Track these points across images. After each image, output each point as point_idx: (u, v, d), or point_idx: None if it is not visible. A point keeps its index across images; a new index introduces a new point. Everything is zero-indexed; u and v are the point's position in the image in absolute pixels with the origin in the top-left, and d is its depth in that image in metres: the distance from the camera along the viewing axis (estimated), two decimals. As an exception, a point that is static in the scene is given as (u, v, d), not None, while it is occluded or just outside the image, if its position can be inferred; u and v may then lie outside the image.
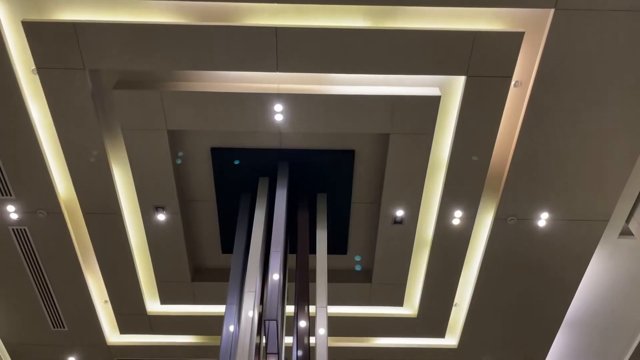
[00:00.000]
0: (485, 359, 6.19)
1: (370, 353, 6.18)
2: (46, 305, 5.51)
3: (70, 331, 5.77)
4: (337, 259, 5.44)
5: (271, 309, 3.77)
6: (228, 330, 4.00)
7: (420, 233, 5.13)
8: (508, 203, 4.70)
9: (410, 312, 5.84)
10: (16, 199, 4.61)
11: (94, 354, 6.05)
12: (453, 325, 5.96)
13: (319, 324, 4.06)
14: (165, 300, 5.65)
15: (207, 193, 4.92)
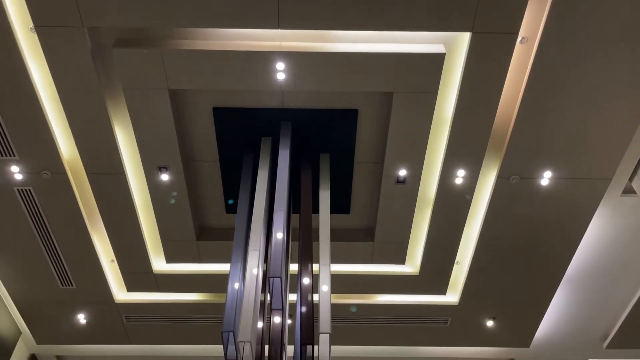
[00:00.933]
0: (485, 315, 6.32)
1: (373, 309, 6.31)
2: (54, 264, 5.61)
3: (79, 289, 5.89)
4: (340, 219, 5.49)
5: (275, 266, 3.83)
6: (233, 288, 4.06)
7: (422, 192, 5.15)
8: (511, 161, 4.69)
9: (412, 270, 5.93)
10: (20, 159, 4.63)
11: (102, 311, 6.19)
12: (454, 282, 6.06)
13: (322, 281, 4.12)
14: (170, 259, 5.74)
15: (210, 153, 4.93)
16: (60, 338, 6.55)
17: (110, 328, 6.40)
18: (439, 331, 6.56)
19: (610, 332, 6.52)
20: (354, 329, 6.53)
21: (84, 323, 6.31)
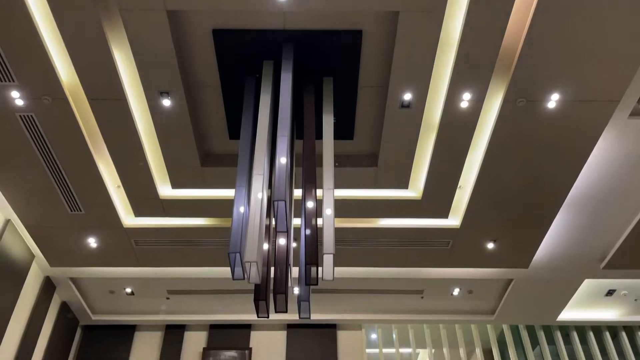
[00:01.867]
0: (486, 238, 6.45)
1: (375, 233, 6.44)
2: (61, 190, 5.69)
3: (87, 214, 6.01)
4: (344, 145, 5.48)
5: (279, 190, 3.87)
6: (238, 212, 4.13)
7: (427, 117, 5.10)
8: (518, 84, 4.60)
9: (415, 195, 5.99)
10: (19, 84, 4.57)
11: (112, 236, 6.35)
12: (456, 206, 6.14)
13: (326, 205, 4.18)
14: (176, 185, 5.80)
15: (211, 77, 4.85)
16: (72, 261, 6.77)
17: (120, 251, 6.60)
18: (440, 253, 6.73)
19: (608, 253, 6.67)
20: (357, 252, 6.71)
21: (94, 247, 6.49)
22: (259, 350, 8.12)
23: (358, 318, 8.19)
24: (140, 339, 8.20)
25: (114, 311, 7.99)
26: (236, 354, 8.05)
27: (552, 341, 8.51)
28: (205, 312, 8.10)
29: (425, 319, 8.22)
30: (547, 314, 8.04)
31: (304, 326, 8.29)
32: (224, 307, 7.97)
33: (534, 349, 8.45)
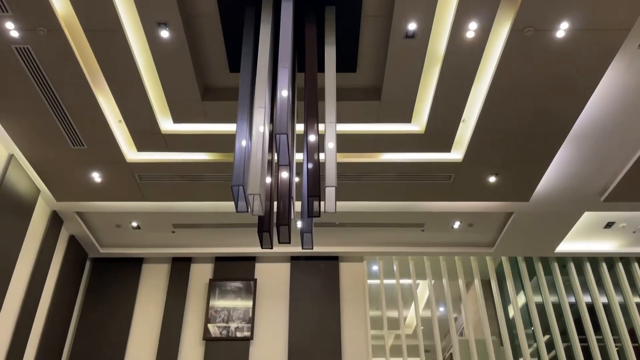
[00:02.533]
0: (488, 172, 6.47)
1: (377, 167, 6.46)
2: (62, 124, 5.67)
3: (90, 149, 6.03)
4: (346, 77, 5.39)
5: (281, 123, 3.85)
6: (240, 145, 4.12)
7: (432, 48, 4.98)
8: (527, 11, 4.45)
9: (418, 129, 5.96)
10: (13, 15, 4.45)
11: (115, 170, 6.39)
12: (459, 140, 6.12)
13: (328, 139, 4.16)
14: (177, 119, 5.77)
15: (210, 7, 4.70)
16: (78, 195, 6.86)
17: (124, 186, 6.66)
18: (441, 187, 6.78)
19: (609, 186, 6.70)
20: (359, 187, 6.76)
21: (99, 181, 6.55)
22: (263, 281, 8.37)
23: (360, 250, 8.37)
24: (148, 271, 8.45)
25: (121, 244, 8.18)
26: (241, 284, 8.31)
27: (549, 272, 8.73)
28: (211, 245, 8.29)
29: (425, 252, 8.40)
30: (546, 246, 8.20)
31: (307, 258, 8.50)
32: (229, 240, 8.15)
33: (531, 280, 8.69)
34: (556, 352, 8.07)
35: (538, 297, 8.67)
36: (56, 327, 7.36)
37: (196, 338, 7.89)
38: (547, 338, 8.35)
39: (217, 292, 8.24)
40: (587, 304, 8.44)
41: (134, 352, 7.77)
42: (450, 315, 8.39)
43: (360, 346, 7.88)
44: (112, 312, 8.03)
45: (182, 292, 8.23)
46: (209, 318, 8.00)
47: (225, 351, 7.76)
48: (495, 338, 8.45)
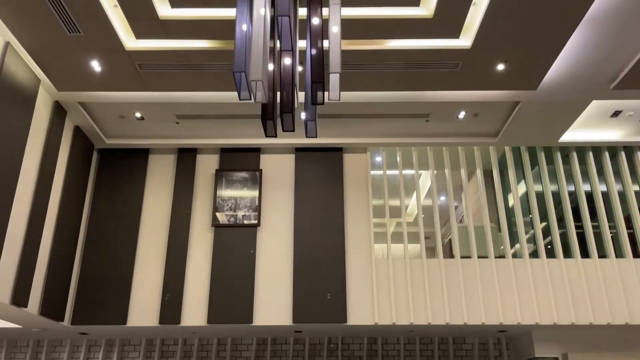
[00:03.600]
0: (496, 59, 6.29)
1: (383, 55, 6.28)
2: (56, 9, 5.44)
3: (86, 35, 5.84)
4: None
5: (282, 4, 3.68)
6: (241, 30, 3.96)
7: None
8: None
9: (426, 13, 5.70)
10: None
11: (115, 59, 6.25)
12: (469, 25, 5.88)
13: (332, 23, 3.99)
14: (175, 3, 5.53)
15: None
16: (79, 85, 6.77)
17: (125, 75, 6.55)
18: (448, 75, 6.63)
19: (620, 74, 6.53)
20: (363, 76, 6.62)
21: (99, 70, 6.43)
22: (268, 172, 8.52)
23: (363, 141, 8.41)
24: (154, 162, 8.58)
25: (126, 135, 8.24)
26: (247, 175, 8.46)
27: (552, 162, 8.81)
28: (216, 137, 8.33)
29: (429, 142, 8.43)
30: (550, 135, 8.19)
31: (311, 149, 8.57)
32: (234, 131, 8.17)
33: (533, 169, 8.79)
34: (552, 238, 8.38)
35: (538, 186, 8.84)
36: (69, 217, 7.62)
37: (205, 225, 8.20)
38: (544, 225, 8.63)
39: (223, 182, 8.42)
40: (586, 192, 8.61)
41: (146, 238, 8.12)
42: (450, 204, 8.60)
43: (362, 233, 8.19)
44: (122, 201, 8.27)
45: (189, 182, 8.42)
46: (216, 207, 8.25)
47: (233, 237, 8.09)
48: (494, 225, 8.74)
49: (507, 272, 7.99)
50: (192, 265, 7.96)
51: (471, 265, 8.06)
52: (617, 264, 8.02)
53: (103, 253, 7.97)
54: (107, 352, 8.98)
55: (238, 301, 7.72)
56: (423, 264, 8.03)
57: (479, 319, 7.73)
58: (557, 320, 7.70)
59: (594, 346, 8.26)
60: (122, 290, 7.77)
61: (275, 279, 7.89)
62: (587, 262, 8.07)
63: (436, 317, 7.74)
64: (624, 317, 7.69)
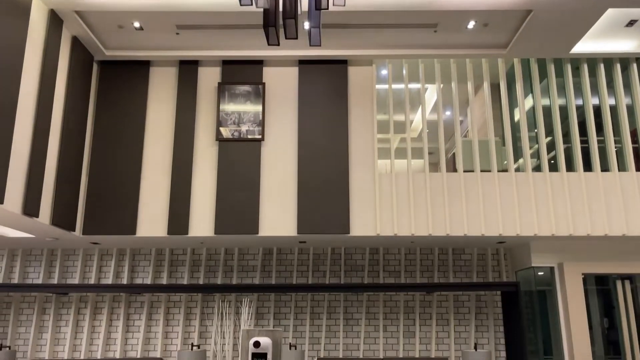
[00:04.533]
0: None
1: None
2: None
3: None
4: None
5: None
6: None
7: None
8: None
9: None
10: None
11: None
12: None
13: None
14: None
15: None
16: (73, -8, 6.54)
17: (121, -18, 6.30)
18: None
19: (640, -21, 6.23)
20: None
21: (93, -24, 6.17)
22: (272, 85, 8.39)
23: (369, 53, 8.20)
24: (156, 74, 8.44)
25: (126, 47, 8.05)
26: (250, 88, 8.35)
27: (561, 74, 8.62)
28: (217, 48, 8.13)
29: (436, 54, 8.22)
30: (562, 46, 7.95)
31: (315, 62, 8.39)
32: (236, 42, 7.96)
33: (541, 82, 8.62)
34: (556, 153, 8.38)
35: (546, 100, 8.71)
36: (73, 128, 7.63)
37: (209, 139, 8.21)
38: (549, 140, 8.60)
39: (226, 95, 8.32)
40: (594, 106, 8.49)
41: (151, 150, 8.17)
42: (455, 118, 8.54)
43: (366, 148, 8.21)
44: (125, 113, 8.24)
45: (191, 96, 8.33)
46: (220, 121, 8.22)
47: (238, 151, 8.13)
48: (498, 139, 8.72)
49: (508, 185, 8.09)
50: (198, 178, 8.07)
51: (473, 179, 8.14)
52: (619, 177, 8.08)
53: (109, 165, 8.06)
54: (119, 261, 9.34)
55: (244, 213, 7.90)
56: (426, 178, 8.11)
57: (479, 230, 7.92)
58: (555, 232, 7.89)
59: (589, 256, 8.51)
60: (130, 202, 7.95)
61: (280, 192, 8.02)
62: (589, 175, 8.13)
63: (437, 229, 7.94)
64: (621, 229, 7.87)
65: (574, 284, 8.36)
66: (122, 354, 8.88)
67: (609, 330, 8.93)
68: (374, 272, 9.25)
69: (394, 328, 9.01)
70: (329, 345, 8.96)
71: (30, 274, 9.27)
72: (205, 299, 9.16)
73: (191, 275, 9.25)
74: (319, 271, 9.26)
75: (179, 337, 8.94)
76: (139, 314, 9.10)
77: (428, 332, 9.00)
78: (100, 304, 9.14)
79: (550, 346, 8.77)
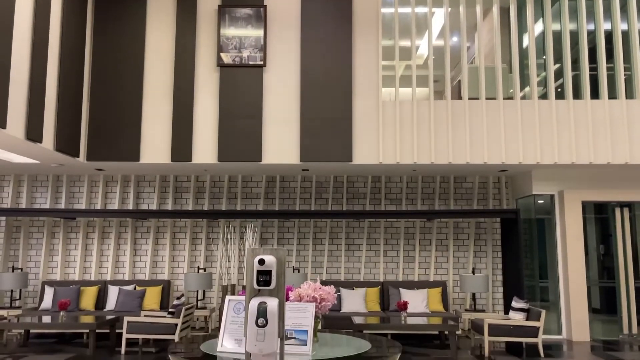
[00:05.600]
0: None
1: None
2: None
3: None
4: None
5: None
6: None
7: None
8: None
9: None
10: None
11: None
12: None
13: None
14: None
15: None
16: None
17: None
18: None
19: None
20: None
21: None
22: (273, 8, 8.13)
23: (375, -26, 7.88)
24: None
25: (121, -34, 7.74)
26: (251, 11, 8.09)
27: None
28: (216, -32, 7.82)
29: (445, -25, 7.89)
30: (576, -33, 7.62)
31: (318, -17, 8.09)
32: (235, -38, 7.64)
33: (553, 5, 8.32)
34: (563, 80, 8.23)
35: (556, 25, 8.44)
36: (72, 53, 7.47)
37: (210, 65, 8.07)
38: (557, 67, 8.42)
39: (227, 19, 8.08)
40: (605, 31, 8.24)
41: (152, 75, 8.04)
42: (463, 44, 8.31)
43: (370, 75, 8.06)
44: (123, 40, 8.04)
45: (191, 19, 8.09)
46: (221, 46, 8.03)
47: (239, 77, 8.01)
48: (505, 66, 8.54)
49: (513, 113, 8.01)
50: (200, 105, 8.00)
51: (478, 107, 8.05)
52: (625, 105, 7.99)
53: (110, 91, 7.98)
54: (124, 188, 9.47)
55: (247, 140, 7.90)
56: (430, 106, 8.03)
57: (482, 158, 7.93)
58: (557, 160, 7.90)
59: (589, 184, 8.58)
60: (133, 128, 7.93)
61: (283, 119, 7.97)
62: (596, 103, 8.03)
63: (439, 157, 7.95)
64: (624, 157, 7.87)
65: (573, 211, 8.48)
66: (131, 276, 9.20)
67: (604, 256, 9.15)
68: (375, 199, 9.37)
69: (394, 253, 9.26)
70: (330, 269, 9.24)
71: (38, 200, 9.43)
72: (210, 224, 9.36)
73: (196, 202, 9.40)
74: (321, 198, 9.39)
75: (185, 261, 9.22)
76: (146, 238, 9.34)
77: (427, 258, 9.25)
78: (107, 229, 9.36)
79: (545, 271, 9.03)
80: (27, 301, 9.18)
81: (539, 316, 7.05)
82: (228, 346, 3.15)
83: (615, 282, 8.72)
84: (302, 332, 3.12)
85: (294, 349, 3.07)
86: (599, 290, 9.30)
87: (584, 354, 7.29)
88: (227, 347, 3.15)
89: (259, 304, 2.66)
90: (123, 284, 8.79)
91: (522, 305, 7.32)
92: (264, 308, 2.64)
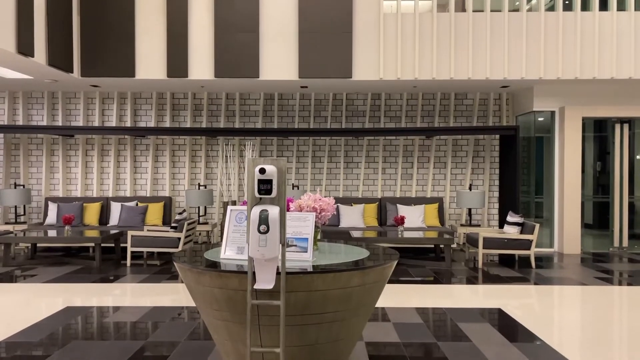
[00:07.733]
0: None
1: None
2: None
3: None
4: None
5: None
6: None
7: None
8: None
9: None
10: None
11: None
12: None
13: None
14: None
15: None
16: None
17: None
18: None
19: None
20: None
21: None
22: None
23: None
24: None
25: None
26: None
27: None
28: None
29: None
30: None
31: None
32: None
33: None
34: (572, -9, 7.92)
35: None
36: None
37: (204, -26, 7.71)
38: (567, -23, 8.06)
39: None
40: (620, -63, 7.82)
41: (144, -12, 7.73)
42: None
43: (372, -16, 7.74)
44: (112, -55, 7.63)
45: None
46: (214, -47, 7.63)
47: None
48: (513, -24, 8.17)
49: (518, 26, 7.77)
50: (194, 17, 7.73)
51: (482, 19, 7.80)
52: (634, 17, 7.74)
53: (100, 3, 7.68)
54: (121, 105, 9.36)
55: (244, 56, 7.71)
56: (433, 18, 7.76)
57: (484, 74, 7.79)
58: (561, 75, 7.77)
59: (590, 100, 8.49)
60: (126, 42, 7.71)
61: (281, 33, 7.73)
62: (604, 15, 7.78)
63: (441, 73, 7.80)
64: (629, 72, 7.74)
65: (573, 128, 8.46)
66: (132, 193, 9.31)
67: (600, 173, 9.25)
68: (375, 117, 9.31)
69: (392, 170, 9.33)
70: (329, 186, 9.35)
71: (34, 117, 9.34)
72: (209, 142, 9.35)
73: (194, 120, 9.33)
74: (320, 116, 9.32)
75: (185, 178, 9.30)
76: (145, 156, 9.36)
77: (425, 175, 9.33)
78: (106, 146, 9.36)
79: (541, 187, 9.16)
80: (32, 217, 9.36)
81: (532, 230, 7.23)
82: (231, 254, 3.24)
83: (610, 198, 8.87)
84: (302, 240, 3.20)
85: (295, 255, 3.16)
86: (592, 206, 9.49)
87: (574, 265, 7.55)
88: (230, 255, 3.24)
89: (261, 211, 2.71)
90: (125, 200, 8.92)
91: (517, 219, 7.49)
92: (265, 215, 2.69)
